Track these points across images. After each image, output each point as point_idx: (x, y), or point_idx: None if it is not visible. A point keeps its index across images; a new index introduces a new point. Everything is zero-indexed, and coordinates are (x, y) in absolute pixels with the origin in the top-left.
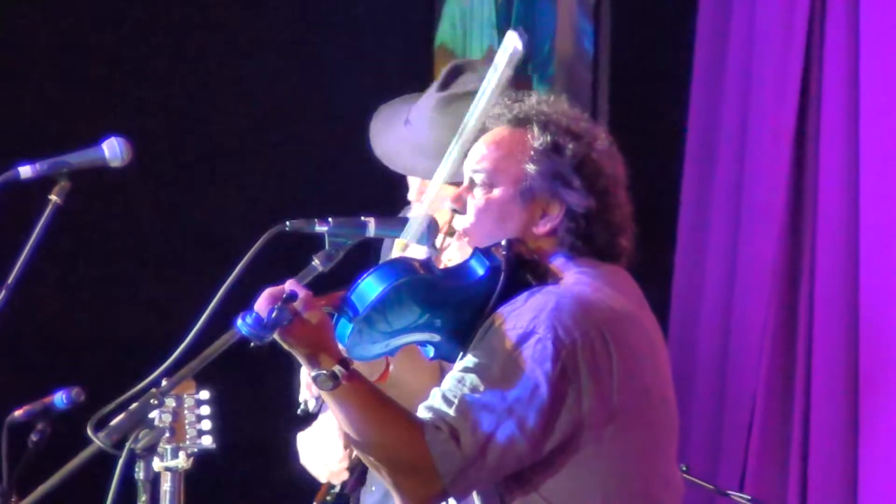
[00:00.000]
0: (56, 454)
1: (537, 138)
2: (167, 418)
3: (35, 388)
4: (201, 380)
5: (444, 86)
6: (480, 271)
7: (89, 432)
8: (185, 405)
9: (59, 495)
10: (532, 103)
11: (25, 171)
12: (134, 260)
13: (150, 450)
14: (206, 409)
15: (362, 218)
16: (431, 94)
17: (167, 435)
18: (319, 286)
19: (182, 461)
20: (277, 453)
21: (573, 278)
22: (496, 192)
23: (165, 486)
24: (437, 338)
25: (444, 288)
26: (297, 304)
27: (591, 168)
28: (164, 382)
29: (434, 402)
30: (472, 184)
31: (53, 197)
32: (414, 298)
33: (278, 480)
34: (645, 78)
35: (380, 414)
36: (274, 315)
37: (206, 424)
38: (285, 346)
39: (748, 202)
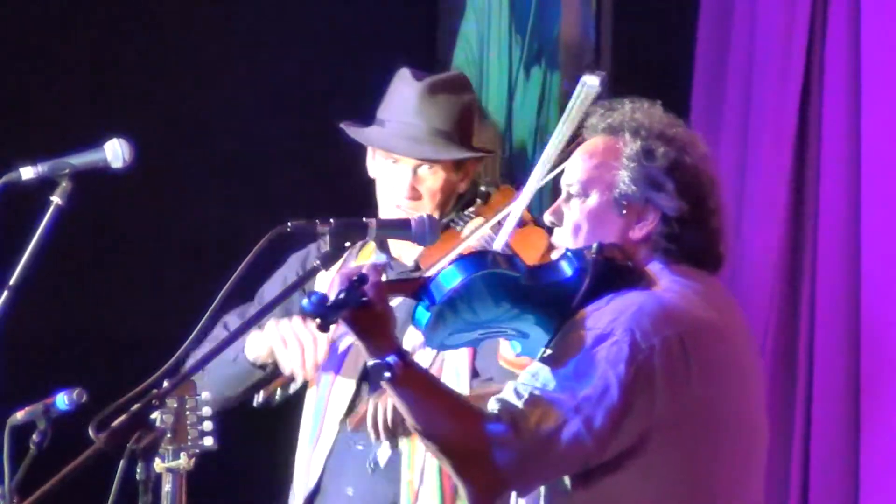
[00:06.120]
0: (57, 455)
1: (629, 144)
2: (168, 419)
3: (36, 389)
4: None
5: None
6: (569, 272)
7: (91, 433)
8: (187, 406)
9: (60, 496)
10: (625, 111)
11: (27, 172)
12: (136, 261)
13: (152, 450)
14: (207, 410)
15: (363, 219)
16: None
17: (168, 436)
18: None
19: (183, 462)
20: (278, 454)
21: (664, 285)
22: (591, 200)
23: (167, 486)
24: (524, 334)
25: (528, 285)
26: (366, 289)
27: (685, 172)
28: (165, 383)
29: (505, 395)
30: (567, 196)
31: (55, 198)
32: (497, 291)
33: (279, 481)
34: (645, 81)
35: (439, 404)
36: (341, 297)
37: (208, 425)
38: (347, 328)
39: (749, 202)
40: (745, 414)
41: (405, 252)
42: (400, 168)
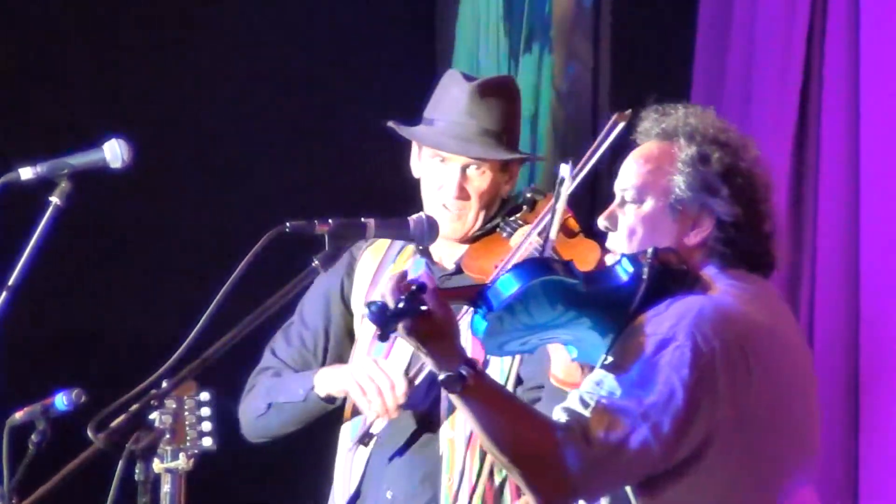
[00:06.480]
0: (56, 455)
1: (684, 149)
2: (167, 419)
3: (36, 390)
4: (202, 381)
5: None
6: (625, 277)
7: (90, 433)
8: (186, 406)
9: (59, 496)
10: (679, 116)
11: (26, 172)
12: (135, 261)
13: (151, 451)
14: (206, 411)
15: (362, 219)
16: (463, 88)
17: (167, 436)
18: None
19: (182, 462)
20: (278, 455)
21: (720, 289)
22: (646, 206)
23: (166, 487)
24: (580, 338)
25: (585, 290)
26: (425, 297)
27: (739, 177)
28: (164, 384)
29: (570, 403)
30: (622, 201)
31: (54, 198)
32: (555, 297)
33: (279, 482)
34: (645, 81)
35: (509, 413)
36: (401, 305)
37: (207, 426)
38: (409, 341)
39: None
40: (801, 417)
41: (446, 255)
42: (448, 167)
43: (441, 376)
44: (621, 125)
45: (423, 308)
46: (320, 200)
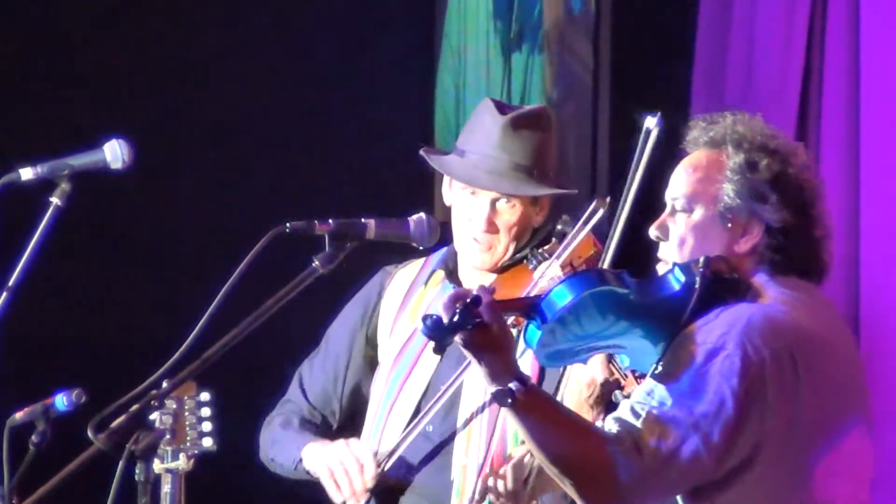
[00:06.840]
0: (57, 456)
1: (732, 157)
2: (168, 420)
3: (36, 390)
4: (202, 381)
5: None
6: (676, 286)
7: (90, 434)
8: (186, 407)
9: (59, 497)
10: (727, 124)
11: (26, 173)
12: (135, 262)
13: (151, 451)
14: (206, 411)
15: (362, 220)
16: (497, 119)
17: (167, 437)
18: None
19: (182, 463)
20: None
21: (771, 297)
22: (696, 214)
23: (166, 487)
24: (632, 347)
25: (637, 300)
26: (480, 310)
27: (788, 183)
28: (164, 384)
29: (622, 414)
30: (672, 210)
31: (54, 199)
32: (607, 307)
33: (279, 483)
34: (646, 82)
35: (560, 426)
36: (455, 319)
37: (207, 426)
38: (465, 352)
39: None
40: (851, 425)
41: (475, 283)
42: (478, 200)
43: (492, 389)
44: (601, 212)
45: (479, 320)
46: (320, 200)
